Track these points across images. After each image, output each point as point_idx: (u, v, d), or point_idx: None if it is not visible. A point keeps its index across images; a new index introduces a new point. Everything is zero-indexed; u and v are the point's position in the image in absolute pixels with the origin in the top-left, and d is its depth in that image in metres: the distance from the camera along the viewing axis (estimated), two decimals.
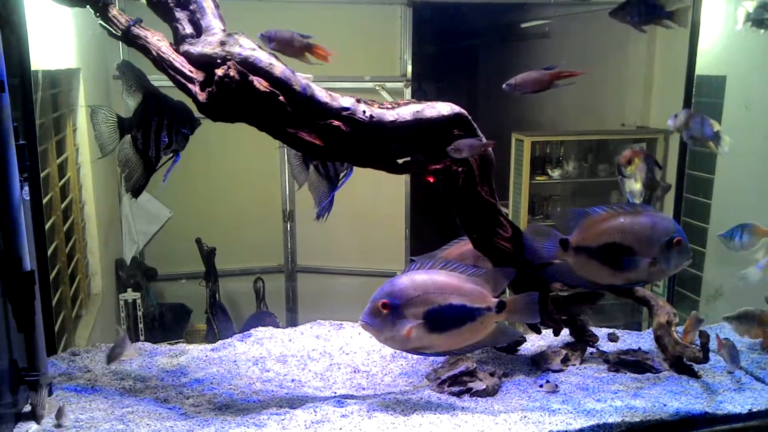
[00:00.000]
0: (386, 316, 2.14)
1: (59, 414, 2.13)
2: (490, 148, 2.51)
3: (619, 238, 2.28)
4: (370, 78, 6.09)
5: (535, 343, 2.94)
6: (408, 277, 2.20)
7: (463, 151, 2.34)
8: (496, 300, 2.25)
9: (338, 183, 2.68)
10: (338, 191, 2.74)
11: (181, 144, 2.43)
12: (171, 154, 2.45)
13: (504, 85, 2.39)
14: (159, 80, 2.36)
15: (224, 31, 2.28)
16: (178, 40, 2.30)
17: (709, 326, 3.15)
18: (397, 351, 2.89)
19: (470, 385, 2.48)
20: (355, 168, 2.53)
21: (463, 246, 2.72)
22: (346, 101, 2.32)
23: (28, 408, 2.27)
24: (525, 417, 2.23)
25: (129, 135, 2.41)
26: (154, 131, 2.36)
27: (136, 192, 2.46)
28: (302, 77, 2.26)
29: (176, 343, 3.05)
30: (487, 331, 2.26)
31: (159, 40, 2.28)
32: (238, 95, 2.15)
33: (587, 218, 2.30)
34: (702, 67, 3.69)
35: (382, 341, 2.25)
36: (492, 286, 2.26)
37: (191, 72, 2.23)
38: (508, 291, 2.61)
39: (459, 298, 2.19)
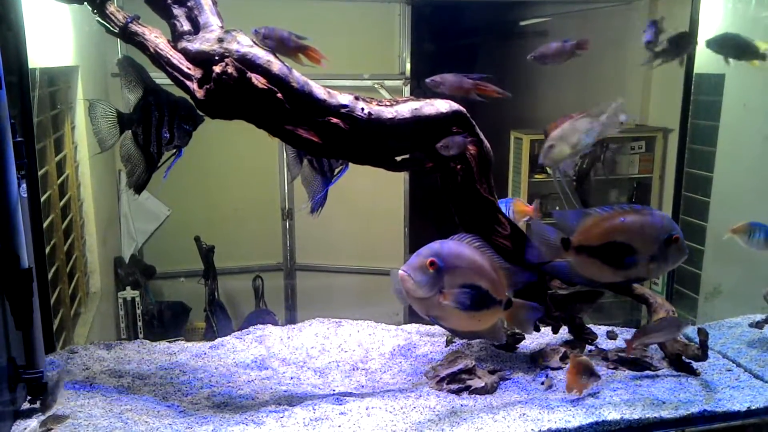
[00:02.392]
0: (429, 275, 2.08)
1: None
2: (488, 145, 2.51)
3: (619, 237, 2.29)
4: (369, 76, 6.07)
5: (533, 340, 2.94)
6: (456, 245, 2.16)
7: (451, 149, 2.35)
8: (507, 296, 2.25)
9: (332, 178, 2.67)
10: (337, 189, 2.74)
11: (183, 140, 2.42)
12: (174, 150, 2.45)
13: (428, 80, 2.39)
14: (158, 78, 2.35)
15: (222, 28, 2.28)
16: (175, 36, 2.30)
17: (707, 324, 3.16)
18: (396, 349, 2.89)
19: (469, 382, 2.48)
20: (353, 165, 2.52)
21: None
22: (344, 98, 2.31)
23: (26, 405, 2.27)
24: (524, 414, 2.23)
25: (129, 130, 2.41)
26: (154, 127, 2.36)
27: (138, 188, 2.46)
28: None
29: (175, 340, 3.04)
30: (490, 323, 2.26)
31: (157, 37, 2.28)
32: (235, 92, 2.15)
33: (588, 218, 2.31)
34: (701, 66, 3.69)
35: (412, 298, 2.17)
36: (508, 280, 2.25)
37: (189, 69, 2.23)
38: None
39: (487, 283, 2.17)
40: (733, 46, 2.61)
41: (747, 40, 2.59)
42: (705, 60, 4.23)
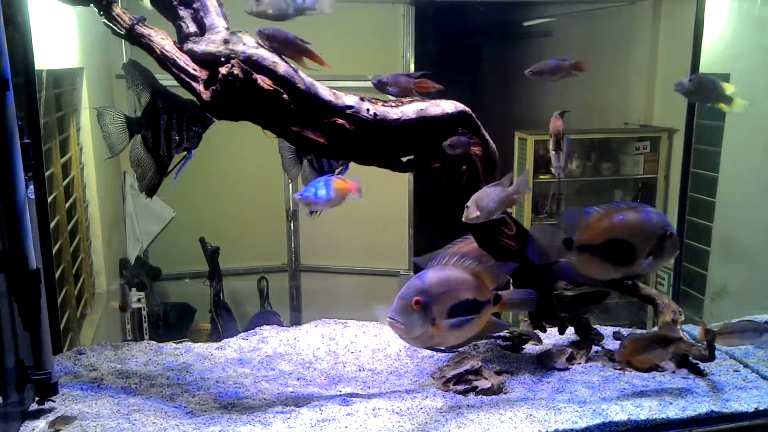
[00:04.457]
0: (417, 313, 2.09)
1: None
2: (493, 146, 2.51)
3: (619, 235, 2.32)
4: (372, 77, 6.08)
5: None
6: (433, 273, 2.18)
7: (457, 148, 2.36)
8: (494, 292, 2.27)
9: None
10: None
11: (193, 142, 2.43)
12: (184, 153, 2.46)
13: (373, 81, 2.44)
14: (164, 79, 2.36)
15: (228, 29, 2.29)
16: (181, 38, 2.31)
17: (714, 324, 3.15)
18: (402, 350, 2.89)
19: (475, 383, 2.47)
20: (358, 166, 2.52)
21: (467, 245, 2.72)
22: (349, 99, 2.32)
23: (34, 406, 2.27)
24: (531, 416, 2.23)
25: (139, 135, 2.41)
26: (163, 130, 2.37)
27: (150, 192, 2.47)
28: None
29: (181, 342, 3.05)
30: (484, 322, 2.28)
31: (163, 39, 2.28)
32: (242, 93, 2.16)
33: (588, 217, 2.34)
34: (706, 65, 3.67)
35: (408, 339, 2.21)
36: (491, 278, 2.27)
37: (195, 70, 2.24)
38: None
39: (472, 292, 2.19)
40: (699, 91, 2.62)
41: (715, 83, 2.61)
42: (710, 60, 4.22)
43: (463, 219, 2.35)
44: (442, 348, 2.31)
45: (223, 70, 2.15)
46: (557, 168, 2.69)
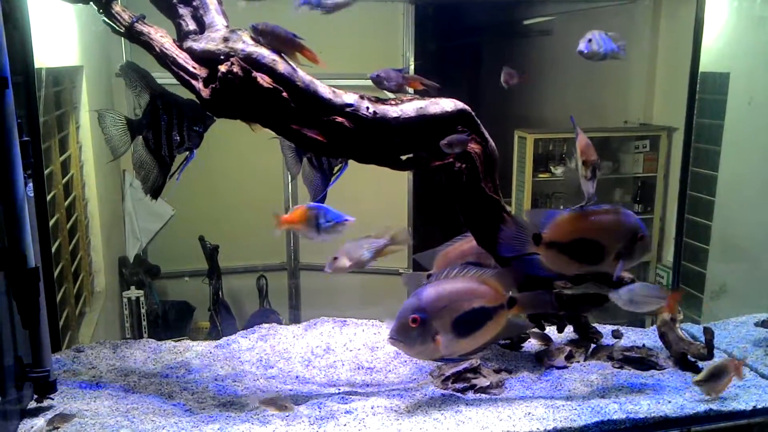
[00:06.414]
0: (416, 330, 2.13)
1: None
2: (493, 144, 2.51)
3: (587, 234, 2.37)
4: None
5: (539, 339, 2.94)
6: (432, 288, 2.20)
7: (454, 146, 2.36)
8: (508, 296, 2.28)
9: (332, 176, 2.68)
10: (341, 189, 2.74)
11: (195, 142, 2.43)
12: (187, 153, 2.46)
13: (371, 76, 2.46)
14: (163, 78, 2.36)
15: (227, 27, 2.29)
16: (181, 36, 2.31)
17: (713, 323, 3.16)
18: None
19: (474, 381, 2.48)
20: (358, 164, 2.53)
21: (466, 243, 2.72)
22: (349, 98, 2.32)
23: (32, 404, 2.27)
24: (529, 413, 2.23)
25: (141, 136, 2.41)
26: (164, 131, 2.37)
27: (154, 193, 2.47)
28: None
29: (180, 340, 3.05)
30: (500, 326, 2.29)
31: (162, 37, 2.28)
32: (241, 91, 2.16)
33: (561, 216, 2.37)
34: (706, 64, 3.68)
35: (412, 355, 2.26)
36: (502, 283, 2.28)
37: (194, 68, 2.24)
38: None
39: (479, 300, 2.21)
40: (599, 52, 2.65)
41: (608, 40, 2.65)
42: (710, 58, 4.23)
43: (326, 269, 2.52)
44: (455, 357, 2.34)
45: (222, 68, 2.15)
46: (589, 195, 2.70)
